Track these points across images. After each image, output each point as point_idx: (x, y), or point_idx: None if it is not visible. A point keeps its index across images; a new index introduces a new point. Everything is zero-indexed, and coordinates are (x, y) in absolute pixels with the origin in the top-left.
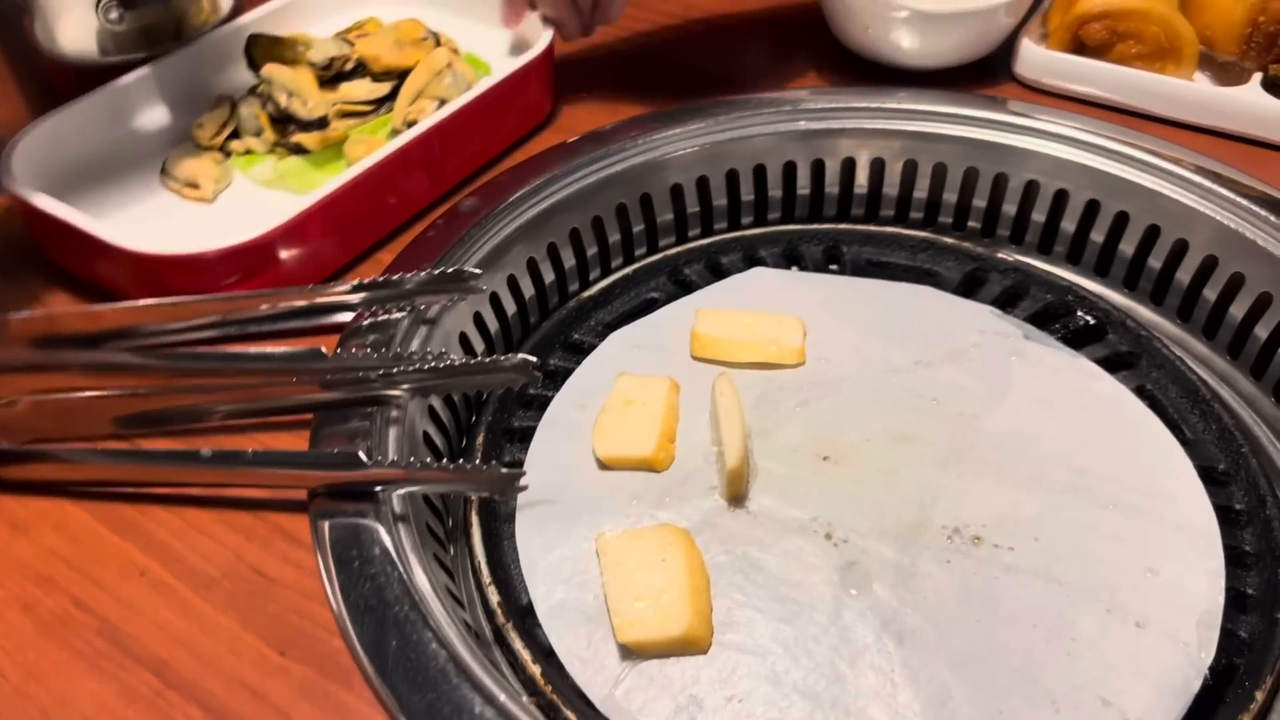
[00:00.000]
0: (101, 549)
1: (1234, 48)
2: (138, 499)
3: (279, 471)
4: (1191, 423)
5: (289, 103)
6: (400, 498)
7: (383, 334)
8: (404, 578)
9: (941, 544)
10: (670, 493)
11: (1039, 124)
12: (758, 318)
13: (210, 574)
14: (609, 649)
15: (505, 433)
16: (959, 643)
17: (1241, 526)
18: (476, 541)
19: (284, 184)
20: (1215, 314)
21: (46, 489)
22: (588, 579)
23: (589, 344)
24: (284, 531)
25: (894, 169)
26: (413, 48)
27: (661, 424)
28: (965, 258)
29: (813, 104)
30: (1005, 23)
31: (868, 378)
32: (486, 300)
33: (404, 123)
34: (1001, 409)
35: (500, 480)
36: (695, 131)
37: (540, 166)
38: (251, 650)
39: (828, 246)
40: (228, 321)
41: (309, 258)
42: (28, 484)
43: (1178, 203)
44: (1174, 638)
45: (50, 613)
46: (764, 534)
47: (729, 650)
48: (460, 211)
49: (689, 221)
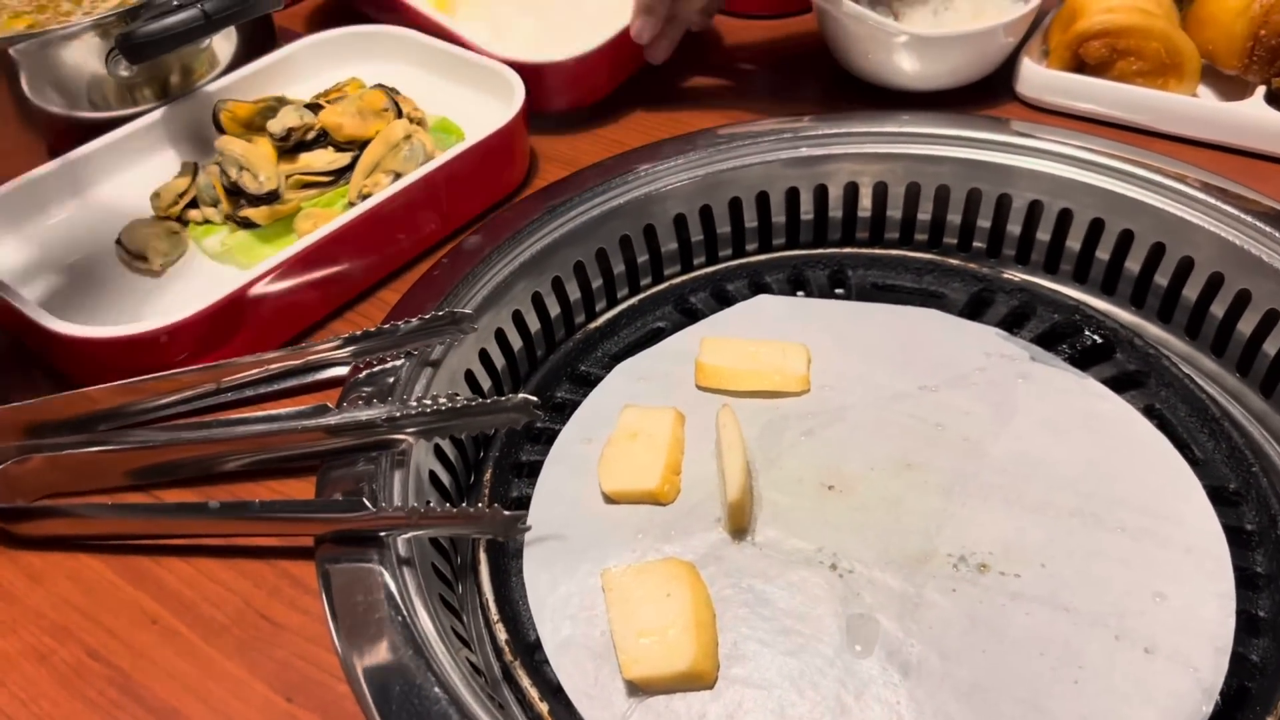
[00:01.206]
0: (115, 598)
1: (1236, 62)
2: (151, 548)
3: (285, 521)
4: (1201, 442)
5: (239, 176)
6: (405, 541)
7: (385, 381)
8: (408, 621)
9: (947, 573)
10: (676, 526)
11: (1041, 143)
12: (762, 346)
13: (220, 621)
14: (616, 685)
15: (513, 468)
16: (965, 673)
17: (1252, 548)
18: (485, 579)
19: (231, 258)
20: (1223, 330)
21: (62, 541)
22: (595, 614)
23: (596, 376)
24: (292, 577)
25: (897, 192)
26: (375, 118)
27: (666, 456)
28: (971, 279)
29: (814, 130)
30: (1005, 42)
31: (872, 405)
32: (492, 337)
33: (359, 195)
34: (1007, 433)
35: (502, 522)
36: (696, 161)
37: (542, 201)
38: (259, 696)
39: (833, 271)
40: (223, 389)
41: (256, 329)
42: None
43: (1182, 220)
44: (1184, 663)
45: (65, 662)
46: (769, 566)
47: (735, 684)
48: (464, 250)
49: (694, 250)
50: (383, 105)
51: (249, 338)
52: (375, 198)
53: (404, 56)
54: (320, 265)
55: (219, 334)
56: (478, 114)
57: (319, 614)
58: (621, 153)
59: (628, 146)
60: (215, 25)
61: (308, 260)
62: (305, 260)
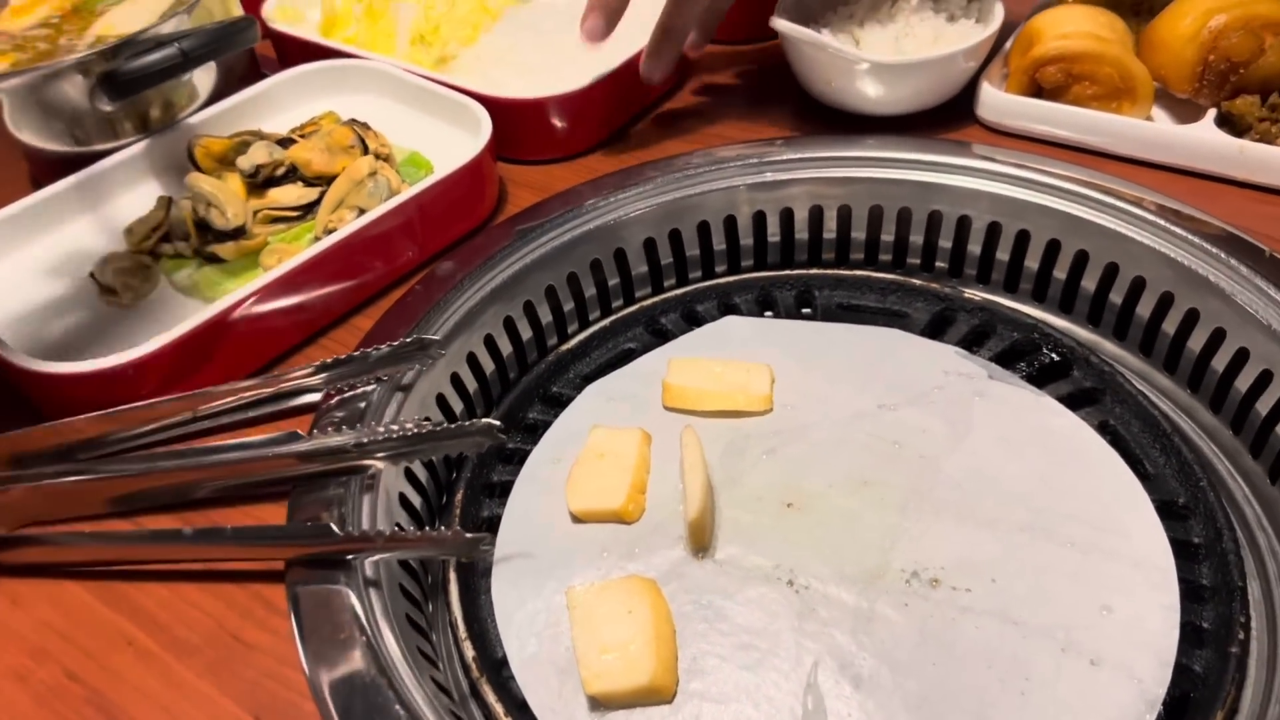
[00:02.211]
0: (93, 621)
1: (1187, 86)
2: (129, 573)
3: (255, 546)
4: (1153, 457)
5: (207, 213)
6: (372, 564)
7: (357, 406)
8: (372, 642)
9: (900, 588)
10: (640, 543)
11: (1000, 167)
12: (727, 366)
13: (193, 642)
14: (579, 700)
15: (485, 488)
16: (915, 685)
17: (1200, 560)
18: (454, 598)
19: (197, 292)
20: (1174, 348)
21: (42, 568)
22: (560, 631)
23: (566, 396)
24: (263, 599)
25: (860, 214)
26: (342, 154)
27: (632, 476)
28: (934, 298)
29: (779, 155)
30: (965, 67)
31: (833, 423)
32: (463, 360)
33: (324, 230)
34: (962, 450)
35: (466, 544)
36: (665, 186)
37: (513, 227)
38: (229, 715)
39: (800, 291)
40: (198, 417)
41: (227, 359)
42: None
43: (1134, 241)
44: (1128, 674)
45: (43, 683)
46: (729, 583)
47: (694, 699)
48: (436, 276)
49: (664, 272)
50: (350, 142)
51: (220, 367)
52: (338, 233)
53: (379, 90)
54: (286, 296)
55: (187, 365)
56: (449, 146)
57: (288, 634)
58: (592, 179)
59: (598, 172)
60: (193, 62)
61: (272, 293)
62: (269, 293)
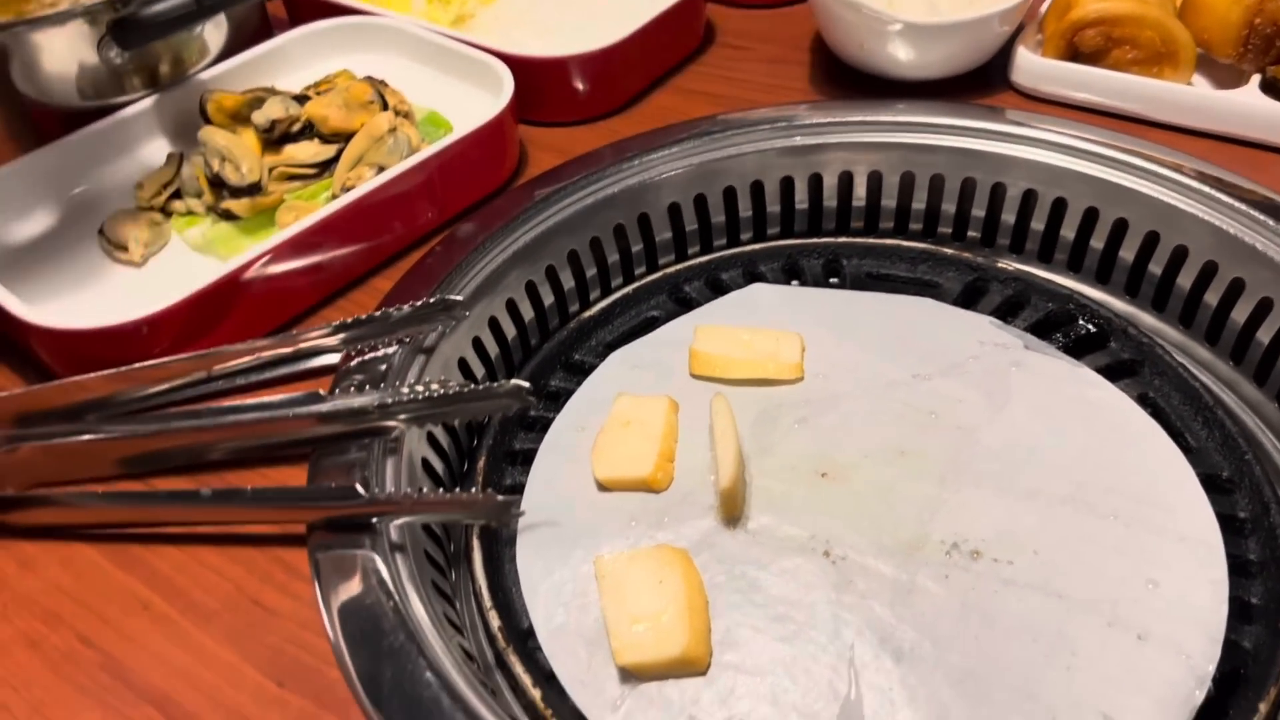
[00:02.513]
0: (106, 584)
1: (1231, 50)
2: (143, 535)
3: (277, 508)
4: (1194, 430)
5: (221, 168)
6: (398, 527)
7: (377, 368)
8: (399, 607)
9: (940, 559)
10: (669, 513)
11: (1036, 132)
12: (756, 334)
13: (211, 606)
14: (609, 672)
15: (507, 456)
16: (957, 659)
17: (1245, 535)
18: (478, 566)
19: (212, 250)
20: (1217, 320)
21: (53, 529)
22: (588, 601)
23: (589, 364)
24: (284, 563)
25: (891, 181)
26: (360, 110)
27: (660, 444)
28: (965, 268)
29: (809, 119)
30: (1000, 31)
31: (866, 393)
32: (485, 324)
33: (342, 189)
34: (1001, 421)
35: (496, 508)
36: (691, 150)
37: (536, 190)
38: (251, 682)
39: (828, 260)
40: (213, 377)
41: (241, 319)
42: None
43: (1176, 208)
44: (1176, 650)
45: (56, 649)
46: (762, 553)
47: (728, 670)
48: (457, 238)
49: (688, 239)
50: (368, 98)
51: (234, 327)
52: (356, 191)
53: (396, 48)
54: (303, 256)
55: (201, 324)
56: (468, 106)
57: (311, 600)
58: (615, 141)
59: (621, 135)
60: (207, 11)
61: (289, 251)
62: (286, 252)
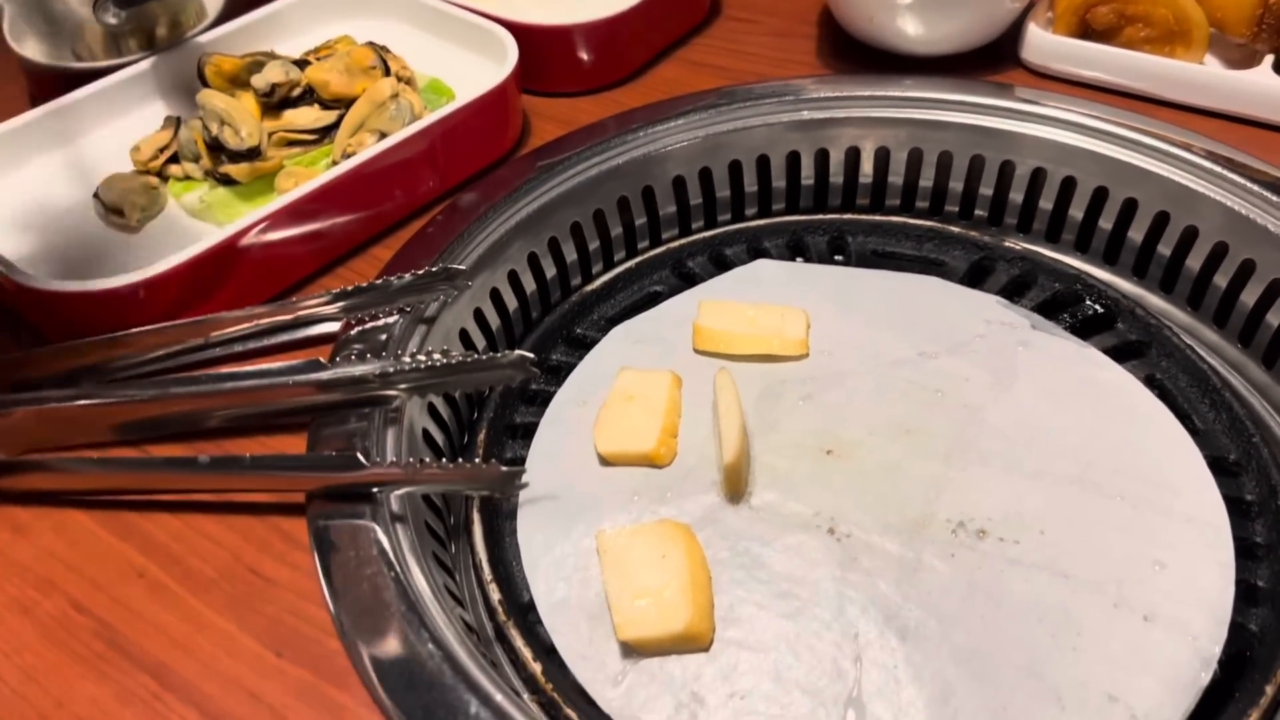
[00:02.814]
0: (101, 551)
1: (1245, 30)
2: (138, 503)
3: (276, 476)
4: (1201, 412)
5: (220, 131)
6: (398, 498)
7: (377, 338)
8: (400, 578)
9: (945, 538)
10: (672, 489)
11: (1045, 110)
12: (760, 310)
13: (208, 575)
14: (610, 646)
15: (507, 429)
16: (963, 638)
17: (1252, 518)
18: (478, 539)
19: (209, 215)
20: (1226, 301)
21: (46, 495)
22: (589, 576)
23: (591, 338)
24: (282, 532)
25: (899, 158)
26: (362, 76)
27: (663, 419)
28: (972, 247)
29: (816, 93)
30: (1011, 7)
31: (871, 370)
32: (487, 296)
33: (343, 155)
34: (1007, 400)
35: (500, 478)
36: (696, 123)
37: (539, 160)
38: (248, 652)
39: (833, 237)
40: (210, 344)
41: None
42: (25, 494)
43: (1187, 188)
44: (1182, 631)
45: (49, 615)
46: (766, 529)
47: (731, 647)
48: (459, 207)
49: (692, 213)
50: (370, 63)
51: (232, 294)
52: (357, 157)
53: (398, 14)
54: (303, 222)
55: (198, 290)
56: (470, 74)
57: (310, 570)
58: (620, 113)
59: (625, 107)
60: None
61: (288, 218)
62: (285, 218)
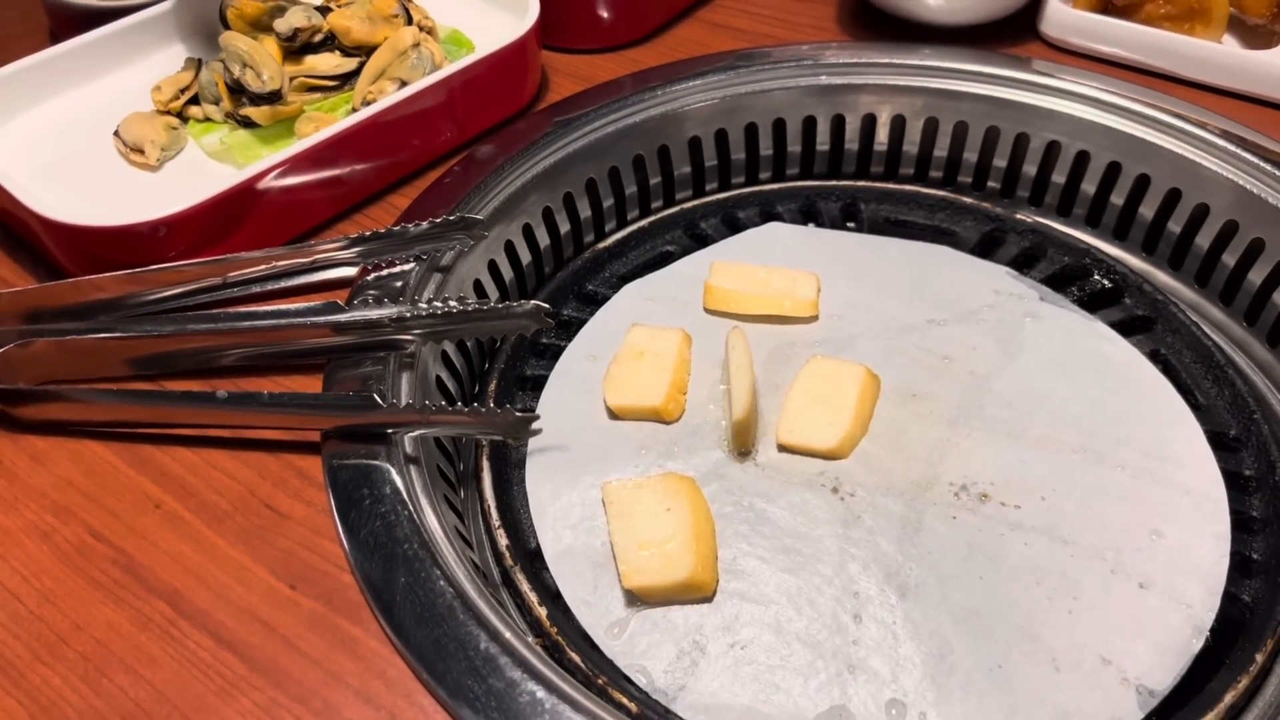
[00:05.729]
0: (117, 482)
1: (1264, 11)
2: (154, 436)
3: (294, 413)
4: (1204, 388)
5: (242, 74)
6: (412, 440)
7: (393, 284)
8: (414, 517)
9: (948, 500)
10: (679, 444)
11: (1062, 84)
12: (772, 272)
13: (223, 508)
14: (615, 594)
15: (518, 381)
16: (962, 597)
17: (1250, 492)
18: (487, 486)
19: (229, 157)
20: (1233, 280)
21: (64, 425)
22: (596, 525)
23: (602, 295)
24: (297, 469)
25: (914, 126)
26: (384, 24)
27: (672, 375)
28: (984, 218)
29: (835, 58)
30: None
31: (880, 335)
32: (501, 248)
33: (363, 102)
34: (1013, 369)
35: (514, 424)
36: (715, 84)
37: (557, 114)
38: (261, 583)
39: (845, 203)
40: (228, 284)
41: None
42: (43, 424)
43: (1200, 166)
44: (1177, 599)
45: (67, 541)
46: (771, 486)
47: (733, 598)
48: (476, 158)
49: (706, 175)
50: (393, 11)
51: (250, 236)
52: (377, 105)
53: None
54: (322, 168)
55: (217, 230)
56: (489, 27)
57: (324, 506)
58: (637, 71)
59: (643, 65)
60: None
61: (308, 162)
62: (305, 162)
